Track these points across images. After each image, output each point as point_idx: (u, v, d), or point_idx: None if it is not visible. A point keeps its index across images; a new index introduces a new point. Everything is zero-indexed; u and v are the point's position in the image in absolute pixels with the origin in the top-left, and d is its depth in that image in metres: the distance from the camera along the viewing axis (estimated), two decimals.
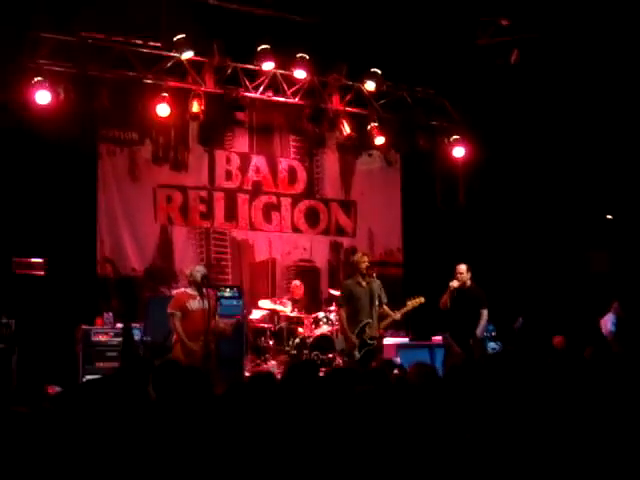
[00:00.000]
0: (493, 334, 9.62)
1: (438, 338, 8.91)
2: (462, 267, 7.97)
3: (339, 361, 8.48)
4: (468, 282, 7.93)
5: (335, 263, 11.60)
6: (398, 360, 7.56)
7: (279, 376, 8.23)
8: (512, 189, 11.46)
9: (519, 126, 10.90)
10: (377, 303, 7.41)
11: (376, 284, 7.48)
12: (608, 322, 9.77)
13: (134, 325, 8.47)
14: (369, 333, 7.42)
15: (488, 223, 11.60)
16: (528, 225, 11.53)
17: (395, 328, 10.51)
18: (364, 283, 7.47)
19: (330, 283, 11.34)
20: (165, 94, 9.35)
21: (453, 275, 7.87)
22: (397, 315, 7.52)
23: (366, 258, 7.53)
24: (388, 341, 9.84)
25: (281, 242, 11.15)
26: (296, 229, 11.36)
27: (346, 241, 11.72)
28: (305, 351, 9.40)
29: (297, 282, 10.50)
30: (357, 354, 7.32)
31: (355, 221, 11.80)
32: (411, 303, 7.62)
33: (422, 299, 7.66)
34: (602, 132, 10.54)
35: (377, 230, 11.92)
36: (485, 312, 7.86)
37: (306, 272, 11.26)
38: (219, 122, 10.45)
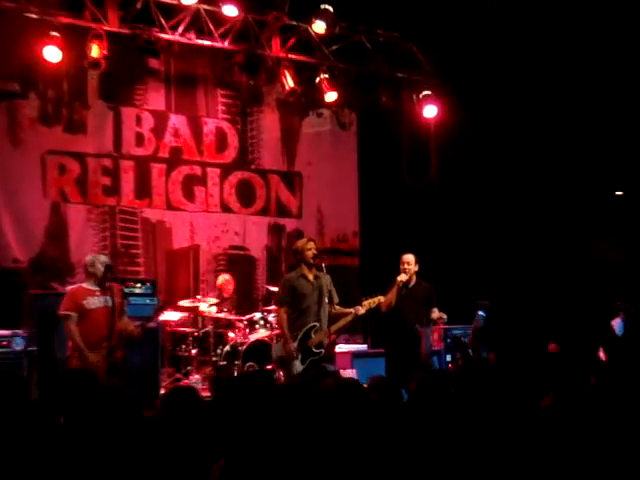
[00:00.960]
0: (464, 339, 9.42)
1: None
2: (409, 257, 8.21)
3: (280, 373, 8.23)
4: (414, 278, 8.20)
5: (275, 251, 11.62)
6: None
7: (204, 393, 8.54)
8: (497, 159, 11.47)
9: (505, 79, 10.91)
10: (327, 302, 7.41)
11: (326, 279, 7.46)
12: (615, 326, 10.16)
13: (17, 332, 8.25)
14: (316, 339, 7.35)
15: (466, 202, 11.61)
16: (517, 204, 11.58)
17: (350, 332, 10.97)
18: (311, 277, 7.44)
19: (269, 276, 11.36)
20: (55, 34, 9.08)
21: (398, 267, 8.17)
22: (360, 310, 7.48)
23: (313, 245, 7.49)
24: (342, 349, 10.07)
25: (207, 224, 11.10)
26: (226, 208, 11.27)
27: (289, 223, 11.72)
28: (237, 362, 9.38)
29: (227, 276, 10.42)
30: (299, 365, 7.28)
31: (300, 198, 11.79)
32: (368, 303, 7.58)
33: (382, 298, 7.70)
34: (609, 84, 10.63)
35: (328, 210, 11.94)
36: (436, 311, 8.11)
37: (239, 262, 11.25)
38: (126, 71, 10.32)
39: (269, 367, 8.89)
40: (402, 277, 8.12)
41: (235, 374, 9.21)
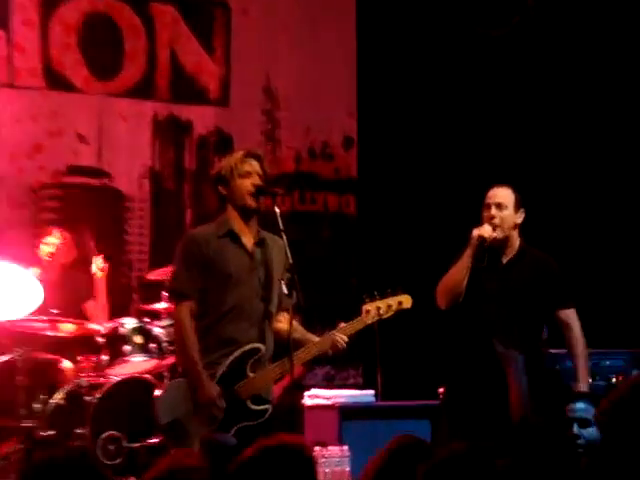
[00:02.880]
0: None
1: None
2: (503, 192, 8.20)
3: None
4: (516, 238, 8.16)
5: (171, 181, 11.67)
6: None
7: None
8: None
9: None
10: (284, 298, 7.40)
11: (278, 246, 7.42)
12: None
13: None
14: (256, 382, 7.22)
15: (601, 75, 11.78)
16: None
17: (335, 362, 11.35)
18: (249, 239, 7.31)
19: (156, 240, 11.49)
20: None
21: (481, 213, 8.13)
22: (336, 338, 7.37)
23: (256, 165, 7.25)
24: (317, 398, 10.05)
25: (9, 117, 10.97)
26: (55, 80, 11.08)
27: (202, 116, 11.78)
28: (79, 429, 9.33)
29: (56, 236, 10.23)
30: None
31: (226, 58, 11.81)
32: (374, 307, 7.50)
33: (408, 299, 7.61)
34: None
35: (289, 86, 12.05)
36: (574, 317, 8.15)
37: (87, 205, 11.28)
38: None
39: (153, 440, 9.15)
40: (485, 231, 7.87)
41: (78, 457, 8.70)
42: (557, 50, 12.42)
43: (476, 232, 7.83)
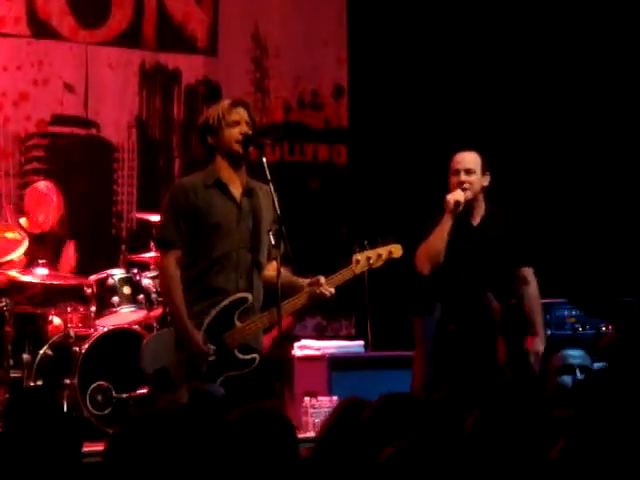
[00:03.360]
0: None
1: None
2: (469, 157, 8.35)
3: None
4: (480, 203, 8.33)
5: (157, 130, 11.73)
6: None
7: None
8: None
9: None
10: (271, 248, 7.34)
11: (267, 197, 7.37)
12: None
13: None
14: (244, 331, 7.23)
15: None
16: None
17: (327, 312, 11.63)
18: (236, 188, 7.28)
19: (143, 189, 11.51)
20: None
21: (448, 177, 8.25)
22: (346, 274, 7.43)
23: (243, 114, 7.21)
24: (307, 349, 10.27)
25: None
26: (42, 28, 11.07)
27: (190, 66, 11.81)
28: (69, 380, 9.37)
29: (42, 185, 10.22)
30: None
31: (215, 9, 11.85)
32: (364, 257, 7.52)
33: (398, 248, 7.63)
34: None
35: (278, 35, 12.07)
36: (532, 275, 8.29)
37: (74, 155, 11.25)
38: None
39: (142, 391, 9.15)
40: (457, 195, 8.04)
41: (64, 409, 9.01)
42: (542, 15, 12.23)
43: (451, 198, 8.00)
